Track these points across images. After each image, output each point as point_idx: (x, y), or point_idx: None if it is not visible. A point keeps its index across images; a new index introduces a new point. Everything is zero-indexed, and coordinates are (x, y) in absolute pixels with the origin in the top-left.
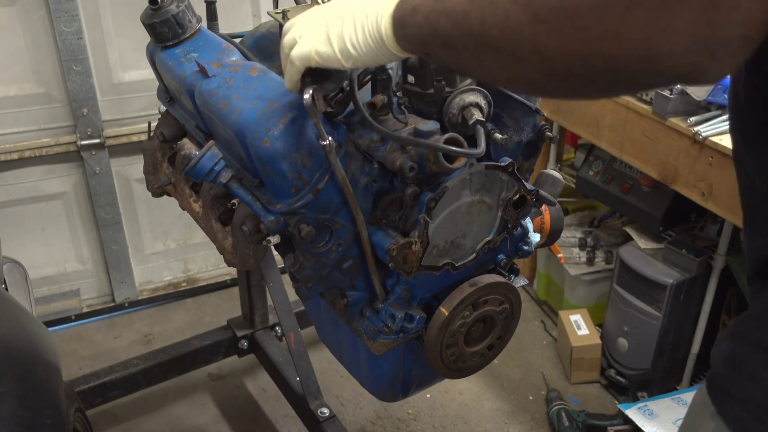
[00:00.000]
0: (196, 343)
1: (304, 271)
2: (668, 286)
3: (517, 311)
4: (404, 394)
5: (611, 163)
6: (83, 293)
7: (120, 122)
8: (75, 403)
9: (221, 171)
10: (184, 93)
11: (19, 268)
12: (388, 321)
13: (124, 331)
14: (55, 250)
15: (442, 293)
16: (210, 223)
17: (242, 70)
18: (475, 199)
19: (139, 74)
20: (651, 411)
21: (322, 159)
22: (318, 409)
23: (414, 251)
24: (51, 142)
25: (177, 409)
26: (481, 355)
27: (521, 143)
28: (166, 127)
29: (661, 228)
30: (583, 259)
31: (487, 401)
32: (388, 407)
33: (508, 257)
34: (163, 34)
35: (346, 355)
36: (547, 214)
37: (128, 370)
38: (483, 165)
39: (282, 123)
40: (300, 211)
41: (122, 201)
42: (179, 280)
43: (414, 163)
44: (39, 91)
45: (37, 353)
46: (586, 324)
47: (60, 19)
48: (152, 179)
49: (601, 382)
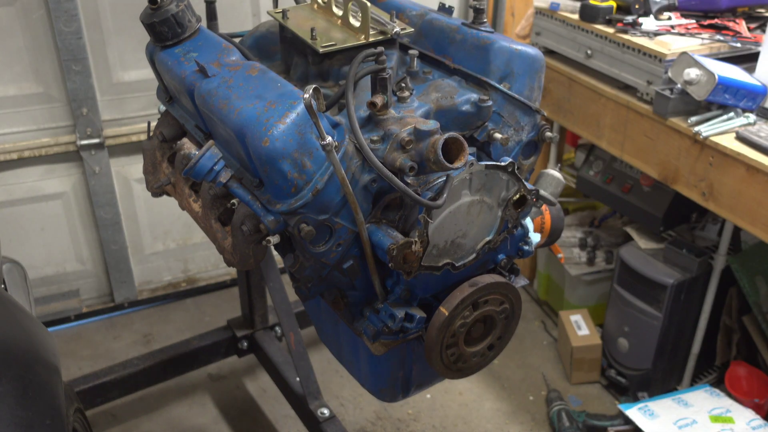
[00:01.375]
0: (196, 343)
1: (304, 271)
2: (669, 286)
3: (517, 311)
4: (404, 394)
5: (611, 163)
6: (83, 293)
7: (119, 122)
8: (74, 404)
9: (221, 171)
10: (183, 93)
11: (18, 268)
12: (388, 321)
13: (124, 332)
14: (54, 250)
15: (442, 293)
16: (210, 223)
17: (242, 69)
18: (475, 198)
19: (139, 74)
20: (651, 411)
21: (322, 159)
22: (318, 409)
23: (414, 251)
24: (50, 142)
25: (176, 409)
26: (482, 355)
27: (521, 143)
28: (165, 127)
29: (662, 228)
30: (584, 259)
31: (487, 401)
32: (388, 407)
33: (509, 257)
34: (162, 33)
35: (346, 355)
36: (547, 214)
37: (128, 370)
38: (483, 165)
39: (282, 123)
40: (300, 210)
41: (122, 201)
42: (179, 280)
43: (414, 163)
44: (38, 91)
45: (37, 353)
46: (587, 324)
47: (59, 19)
48: (152, 179)
49: (602, 382)
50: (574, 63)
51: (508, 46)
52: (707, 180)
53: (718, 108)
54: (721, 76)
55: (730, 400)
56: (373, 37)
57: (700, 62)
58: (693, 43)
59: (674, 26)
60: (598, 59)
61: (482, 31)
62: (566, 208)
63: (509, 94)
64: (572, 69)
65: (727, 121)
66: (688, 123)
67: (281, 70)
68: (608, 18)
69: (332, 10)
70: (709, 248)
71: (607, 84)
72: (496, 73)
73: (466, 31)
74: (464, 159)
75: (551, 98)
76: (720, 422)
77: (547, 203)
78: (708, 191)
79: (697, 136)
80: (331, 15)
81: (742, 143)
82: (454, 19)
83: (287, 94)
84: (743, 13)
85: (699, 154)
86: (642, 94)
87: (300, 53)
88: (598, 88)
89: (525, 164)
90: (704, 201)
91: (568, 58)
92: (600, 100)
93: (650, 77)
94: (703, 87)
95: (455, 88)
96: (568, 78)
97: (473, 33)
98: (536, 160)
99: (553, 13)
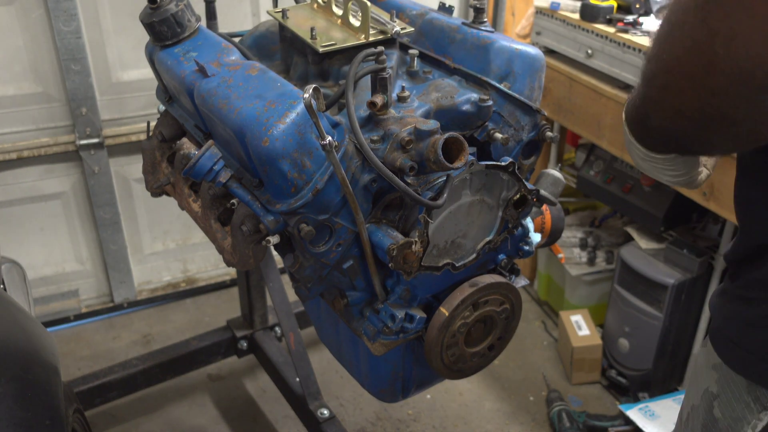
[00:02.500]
0: (196, 343)
1: (304, 271)
2: (669, 286)
3: (517, 312)
4: (404, 394)
5: (612, 162)
6: (82, 293)
7: (119, 122)
8: (74, 404)
9: (220, 170)
10: (183, 92)
11: (17, 268)
12: (388, 321)
13: (123, 332)
14: (53, 250)
15: (442, 293)
16: (209, 223)
17: (241, 69)
18: (475, 198)
19: (138, 73)
20: (652, 412)
21: (322, 158)
22: (318, 409)
23: (414, 251)
24: (49, 141)
25: (176, 409)
26: (482, 355)
27: (522, 142)
28: (165, 127)
29: (662, 228)
30: (584, 260)
31: (487, 402)
32: (388, 408)
33: (509, 257)
34: (162, 33)
35: (345, 356)
36: (547, 214)
37: (127, 370)
38: (484, 165)
39: (282, 122)
40: (300, 210)
41: (121, 201)
42: (178, 281)
43: (414, 163)
44: (37, 91)
45: (36, 354)
46: (587, 324)
47: (59, 18)
48: (151, 179)
49: (602, 382)
50: (574, 63)
51: (508, 45)
52: (708, 180)
53: None
54: None
55: None
56: (373, 37)
57: None
58: None
59: None
60: (598, 59)
61: (482, 31)
62: (567, 208)
63: (509, 93)
64: (573, 69)
65: None
66: None
67: (281, 69)
68: (609, 17)
69: (332, 9)
70: (710, 248)
71: (608, 84)
72: (497, 72)
73: (466, 31)
74: (464, 159)
75: (552, 98)
76: None
77: (547, 203)
78: (709, 191)
79: None
80: (331, 14)
81: None
82: (454, 18)
83: (287, 94)
84: None
85: None
86: None
87: (300, 53)
88: (598, 88)
89: (525, 164)
90: (705, 201)
91: (568, 58)
92: (600, 100)
93: None
94: None
95: (455, 87)
96: (568, 78)
97: (473, 32)
98: (537, 160)
99: (554, 12)
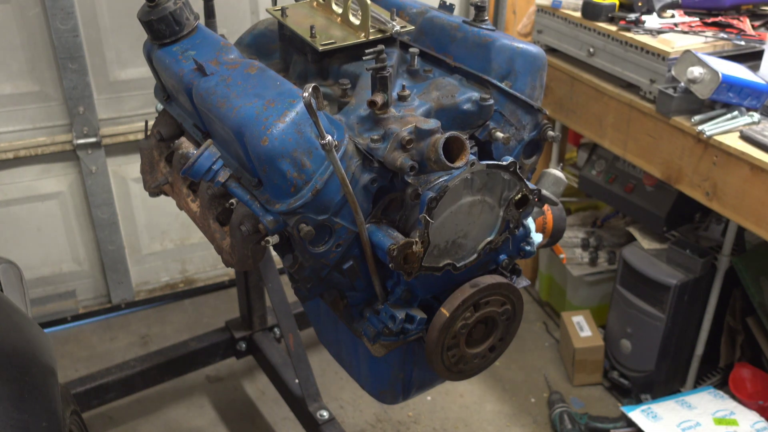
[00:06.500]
0: (194, 344)
1: (304, 271)
2: (672, 286)
3: (518, 312)
4: (404, 396)
5: (614, 162)
6: (79, 294)
7: (116, 121)
8: (71, 406)
9: (219, 170)
10: (181, 91)
11: (14, 268)
12: (389, 322)
13: (121, 333)
14: (50, 251)
15: (443, 294)
16: (208, 223)
17: (240, 67)
18: (476, 198)
19: (136, 72)
20: (655, 413)
21: (322, 158)
22: (317, 411)
23: (415, 251)
24: (46, 141)
25: (174, 411)
26: (483, 356)
27: (523, 142)
28: (163, 126)
29: (665, 228)
30: (586, 260)
31: (488, 403)
32: (388, 410)
33: (510, 258)
34: (160, 31)
35: (345, 357)
36: (549, 214)
37: (125, 372)
38: (485, 164)
39: (281, 121)
40: (299, 210)
41: (119, 201)
42: (176, 281)
43: (414, 163)
44: (34, 90)
45: (33, 355)
46: (589, 325)
47: (56, 17)
48: (149, 179)
49: (604, 384)
50: (576, 61)
51: (509, 44)
52: (711, 180)
53: (722, 107)
54: (725, 74)
55: (734, 402)
56: (373, 35)
57: (703, 60)
58: (696, 41)
59: (677, 24)
60: (600, 57)
61: (483, 29)
62: (568, 208)
63: (511, 92)
64: (574, 67)
65: (731, 120)
66: (692, 122)
67: (280, 68)
68: (611, 16)
69: (332, 7)
70: (713, 248)
71: (610, 82)
72: (498, 71)
73: (467, 29)
74: (465, 158)
75: (553, 97)
76: (724, 425)
77: (549, 203)
78: (712, 191)
79: (700, 135)
80: (331, 13)
81: (746, 142)
82: (455, 16)
83: (286, 93)
84: (747, 11)
85: (702, 153)
86: (645, 92)
87: (299, 51)
88: (600, 87)
89: (527, 163)
90: (708, 201)
91: (570, 56)
92: (602, 99)
93: (653, 76)
94: (706, 85)
95: (456, 86)
96: (570, 76)
97: (474, 31)
98: (538, 160)
99: (555, 10)
